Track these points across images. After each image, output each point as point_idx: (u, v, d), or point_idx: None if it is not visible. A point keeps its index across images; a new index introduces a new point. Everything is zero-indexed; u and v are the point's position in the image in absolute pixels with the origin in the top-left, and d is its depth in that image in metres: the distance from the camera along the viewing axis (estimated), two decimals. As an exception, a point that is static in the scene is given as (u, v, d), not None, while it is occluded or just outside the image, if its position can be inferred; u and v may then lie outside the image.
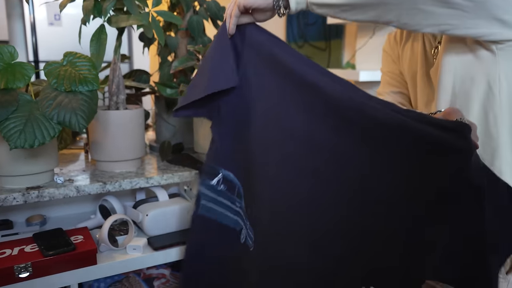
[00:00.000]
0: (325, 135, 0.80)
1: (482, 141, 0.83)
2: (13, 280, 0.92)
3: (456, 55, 0.85)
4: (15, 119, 0.95)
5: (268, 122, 0.87)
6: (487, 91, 0.82)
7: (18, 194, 1.03)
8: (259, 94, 0.88)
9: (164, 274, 1.24)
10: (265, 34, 0.89)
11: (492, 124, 0.83)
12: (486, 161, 0.81)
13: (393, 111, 0.74)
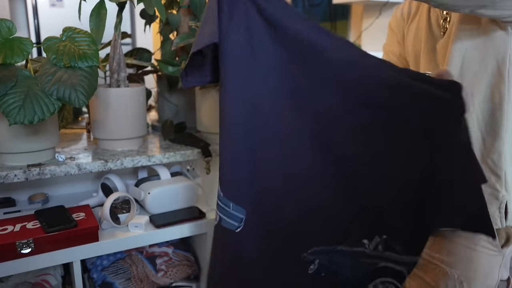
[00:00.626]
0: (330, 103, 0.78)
1: (486, 122, 0.84)
2: (15, 255, 0.92)
3: (468, 36, 0.85)
4: (14, 95, 0.94)
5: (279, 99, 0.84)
6: (494, 72, 0.82)
7: (19, 171, 1.03)
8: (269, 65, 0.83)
9: (166, 252, 1.25)
10: None
11: (497, 106, 0.83)
12: (486, 142, 0.81)
13: (394, 72, 0.74)
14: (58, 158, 1.11)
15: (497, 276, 0.94)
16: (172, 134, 1.36)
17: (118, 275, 1.15)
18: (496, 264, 0.93)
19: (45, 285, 1.11)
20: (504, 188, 0.90)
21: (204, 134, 1.35)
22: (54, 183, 1.30)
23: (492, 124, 0.85)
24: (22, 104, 0.93)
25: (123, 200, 1.22)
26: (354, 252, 0.83)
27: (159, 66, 1.33)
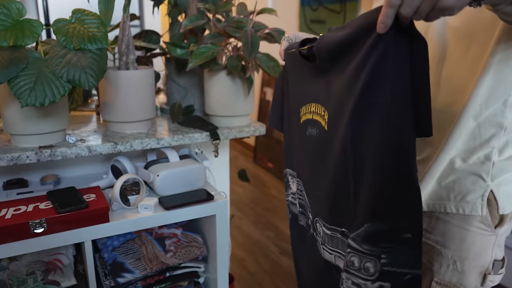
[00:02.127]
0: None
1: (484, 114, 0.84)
2: (28, 235, 0.94)
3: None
4: (25, 77, 0.94)
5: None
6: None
7: (31, 153, 1.04)
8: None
9: (175, 233, 1.26)
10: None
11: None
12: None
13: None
14: (69, 140, 1.13)
15: (490, 256, 0.95)
16: (181, 117, 1.37)
17: (128, 255, 1.17)
18: (489, 244, 0.94)
19: (58, 264, 1.14)
20: (490, 178, 0.92)
21: (212, 117, 1.35)
22: (65, 165, 1.32)
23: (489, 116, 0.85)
24: (33, 86, 0.94)
25: (133, 182, 1.23)
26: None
27: (168, 48, 1.32)
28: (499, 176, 0.93)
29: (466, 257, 0.93)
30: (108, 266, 1.14)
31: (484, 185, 0.93)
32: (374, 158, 0.71)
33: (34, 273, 1.09)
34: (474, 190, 0.93)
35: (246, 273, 2.35)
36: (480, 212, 0.93)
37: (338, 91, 0.78)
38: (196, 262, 1.26)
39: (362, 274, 0.76)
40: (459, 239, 0.92)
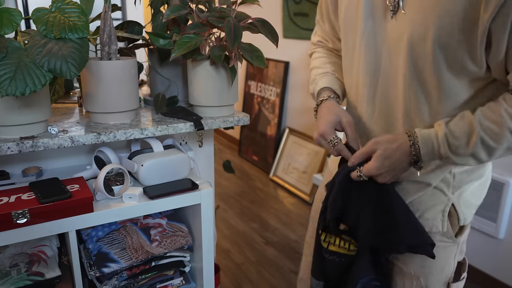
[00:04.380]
0: None
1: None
2: (11, 226, 0.94)
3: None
4: (5, 66, 0.93)
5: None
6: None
7: (12, 144, 1.03)
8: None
9: (160, 223, 1.27)
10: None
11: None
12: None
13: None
14: (51, 131, 1.12)
15: (452, 266, 0.93)
16: (164, 108, 1.36)
17: (114, 245, 1.17)
18: (452, 254, 0.92)
19: (42, 255, 1.13)
20: (451, 191, 0.89)
21: (196, 108, 1.36)
22: (48, 157, 1.31)
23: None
24: (13, 76, 0.93)
25: (117, 173, 1.23)
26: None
27: (151, 39, 1.32)
28: (459, 187, 0.90)
29: (429, 273, 0.90)
30: (93, 257, 1.14)
31: (445, 199, 0.89)
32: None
33: (18, 265, 1.08)
34: (434, 206, 0.90)
35: (232, 264, 2.37)
36: (441, 228, 0.90)
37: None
38: (181, 251, 1.27)
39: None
40: (420, 256, 0.89)
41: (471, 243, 2.20)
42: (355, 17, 0.90)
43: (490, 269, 2.14)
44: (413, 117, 0.83)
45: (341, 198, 0.89)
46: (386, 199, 0.87)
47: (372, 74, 0.87)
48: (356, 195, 0.88)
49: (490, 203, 2.06)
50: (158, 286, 1.25)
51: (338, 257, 0.96)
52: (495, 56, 0.71)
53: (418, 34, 0.75)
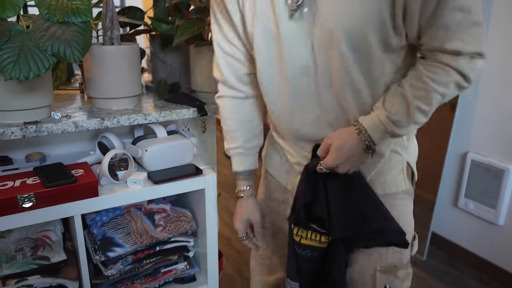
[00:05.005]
0: None
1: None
2: (17, 209, 0.94)
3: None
4: (8, 50, 0.93)
5: None
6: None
7: (16, 129, 1.03)
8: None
9: (164, 209, 1.27)
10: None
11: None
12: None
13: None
14: (54, 116, 1.12)
15: (413, 222, 0.99)
16: (167, 94, 1.36)
17: (118, 230, 1.17)
18: (411, 209, 0.98)
19: (47, 240, 1.14)
20: (404, 150, 0.95)
21: (198, 93, 1.35)
22: (50, 143, 1.31)
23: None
24: (17, 60, 0.93)
25: (121, 158, 1.23)
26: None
27: (153, 24, 1.31)
28: (409, 145, 0.96)
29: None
30: (98, 241, 1.15)
31: (401, 159, 0.95)
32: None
33: (23, 249, 1.09)
34: (394, 167, 0.95)
35: (234, 251, 2.38)
36: (404, 186, 0.96)
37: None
38: (185, 236, 1.27)
39: None
40: (395, 216, 0.92)
41: (471, 230, 2.22)
42: (268, 24, 0.88)
43: (489, 256, 2.16)
44: (354, 106, 0.87)
45: (310, 190, 0.93)
46: (354, 190, 0.90)
47: (301, 76, 0.88)
48: (323, 187, 0.92)
49: (490, 190, 2.07)
50: (162, 271, 1.26)
51: (310, 251, 0.99)
52: (411, 23, 0.77)
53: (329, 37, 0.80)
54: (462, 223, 2.25)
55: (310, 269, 1.01)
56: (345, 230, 0.92)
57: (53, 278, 1.07)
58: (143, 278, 1.23)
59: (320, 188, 0.91)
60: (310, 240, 0.98)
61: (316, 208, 0.93)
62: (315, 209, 0.93)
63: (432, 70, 0.78)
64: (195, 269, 1.32)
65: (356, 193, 0.90)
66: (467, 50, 0.74)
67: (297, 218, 0.97)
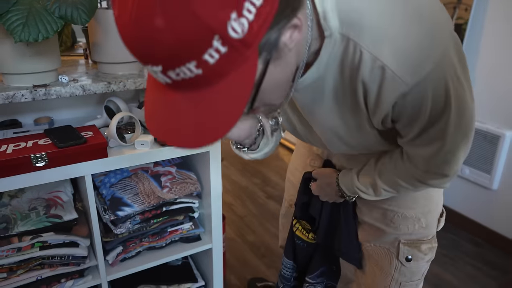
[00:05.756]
0: None
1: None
2: (30, 168, 0.98)
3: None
4: (17, 12, 0.94)
5: None
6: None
7: (26, 91, 1.06)
8: None
9: (170, 171, 1.32)
10: None
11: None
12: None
13: None
14: (62, 80, 1.14)
15: (442, 199, 1.00)
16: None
17: (126, 190, 1.22)
18: (441, 190, 0.99)
19: (58, 200, 1.19)
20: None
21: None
22: (57, 107, 1.33)
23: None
24: (25, 22, 0.94)
25: (127, 122, 1.26)
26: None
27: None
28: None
29: (429, 211, 0.95)
30: (107, 201, 1.19)
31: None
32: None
33: (36, 208, 1.14)
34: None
35: (235, 216, 2.45)
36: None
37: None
38: (190, 197, 1.32)
39: None
40: (423, 196, 0.94)
41: (466, 194, 2.28)
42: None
43: (484, 219, 2.23)
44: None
45: (303, 196, 1.09)
46: (339, 207, 1.02)
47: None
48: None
49: (485, 156, 2.12)
50: (169, 230, 1.31)
51: (301, 242, 1.13)
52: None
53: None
54: (458, 189, 2.32)
55: (303, 255, 1.15)
56: (324, 238, 1.06)
57: (66, 235, 1.12)
58: (151, 237, 1.29)
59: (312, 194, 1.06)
60: (301, 233, 1.12)
61: (311, 208, 1.07)
62: (311, 208, 1.08)
63: (403, 171, 0.78)
64: (200, 229, 1.38)
65: (339, 210, 1.02)
66: (435, 171, 0.74)
67: (295, 212, 1.13)
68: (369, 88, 0.62)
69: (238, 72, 0.47)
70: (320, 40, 0.61)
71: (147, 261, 1.28)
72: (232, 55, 0.45)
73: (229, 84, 0.47)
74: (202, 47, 0.43)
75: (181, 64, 0.44)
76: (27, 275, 1.09)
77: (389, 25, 0.58)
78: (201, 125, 0.49)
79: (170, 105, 0.50)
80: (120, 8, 0.44)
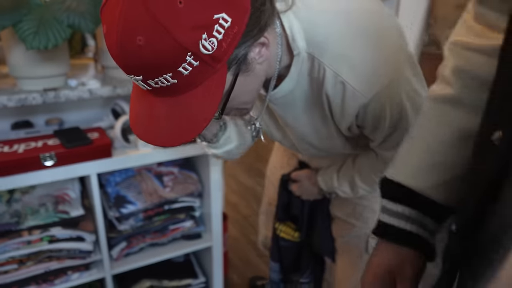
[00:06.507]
0: None
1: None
2: (39, 167, 1.05)
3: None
4: (29, 21, 1.01)
5: None
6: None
7: (37, 95, 1.13)
8: None
9: (172, 171, 1.38)
10: None
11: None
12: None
13: None
14: (71, 83, 1.21)
15: None
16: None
17: (130, 189, 1.28)
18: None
19: (66, 197, 1.25)
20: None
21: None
22: (67, 109, 1.41)
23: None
24: (36, 31, 1.01)
25: (132, 124, 1.32)
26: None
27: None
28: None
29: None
30: (113, 199, 1.26)
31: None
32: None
33: (45, 204, 1.21)
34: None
35: (240, 216, 2.50)
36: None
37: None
38: (192, 197, 1.38)
39: None
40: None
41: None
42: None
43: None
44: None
45: (283, 198, 1.14)
46: (316, 204, 1.08)
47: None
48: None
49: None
50: (170, 228, 1.37)
51: (287, 243, 1.17)
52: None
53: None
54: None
55: (289, 256, 1.20)
56: (307, 234, 1.13)
57: (73, 230, 1.19)
58: (153, 234, 1.35)
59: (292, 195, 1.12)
60: (286, 234, 1.16)
61: (293, 207, 1.12)
62: (292, 208, 1.13)
63: (378, 169, 0.85)
64: (201, 227, 1.44)
65: (318, 209, 1.08)
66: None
67: (277, 215, 1.17)
68: (333, 100, 0.69)
69: (209, 81, 0.54)
70: (290, 58, 0.68)
71: (150, 257, 1.34)
72: (204, 68, 0.52)
73: (201, 91, 0.54)
74: (177, 62, 0.50)
75: (159, 76, 0.51)
76: (36, 267, 1.16)
77: (347, 47, 0.65)
78: (176, 127, 0.56)
79: (150, 108, 0.57)
80: (108, 26, 0.51)
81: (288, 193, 1.11)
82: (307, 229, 1.11)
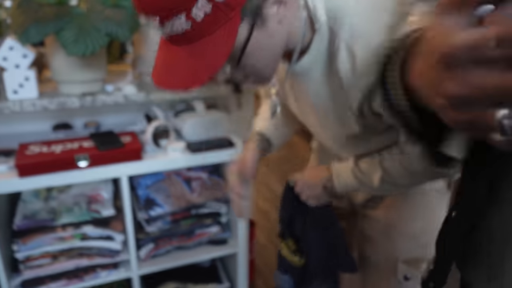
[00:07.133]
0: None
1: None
2: (74, 167, 1.10)
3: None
4: (70, 30, 1.07)
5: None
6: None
7: (76, 99, 1.19)
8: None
9: (201, 177, 1.40)
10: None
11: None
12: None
13: None
14: (107, 89, 1.26)
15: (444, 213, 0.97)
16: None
17: (159, 192, 1.32)
18: (444, 201, 0.95)
19: (99, 197, 1.31)
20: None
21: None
22: (104, 113, 1.47)
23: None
24: (77, 38, 1.07)
25: (163, 129, 1.36)
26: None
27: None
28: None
29: (429, 229, 0.92)
30: (142, 202, 1.30)
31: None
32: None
33: (79, 203, 1.26)
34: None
35: (270, 224, 2.50)
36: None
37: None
38: (219, 203, 1.40)
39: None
40: (422, 210, 0.93)
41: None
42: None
43: None
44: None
45: (287, 209, 1.02)
46: (321, 220, 0.96)
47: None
48: (299, 209, 0.99)
49: None
50: (197, 232, 1.39)
51: (287, 262, 1.03)
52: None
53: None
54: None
55: (296, 271, 1.06)
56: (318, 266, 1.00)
57: (103, 229, 1.24)
58: (180, 237, 1.38)
59: (296, 208, 0.99)
60: (287, 255, 1.04)
61: (294, 225, 1.01)
62: (294, 226, 1.01)
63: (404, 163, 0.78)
64: (227, 233, 1.45)
65: (322, 224, 0.97)
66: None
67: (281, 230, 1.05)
68: (343, 73, 0.69)
69: (223, 29, 0.57)
70: (311, 32, 0.69)
71: (176, 259, 1.37)
72: (217, 14, 0.55)
73: (215, 38, 0.58)
74: (189, 1, 0.54)
75: (173, 14, 0.55)
76: (68, 263, 1.22)
77: (365, 21, 0.66)
78: (190, 71, 0.60)
79: (168, 56, 0.62)
80: None
81: (292, 203, 1.01)
82: (316, 251, 1.00)
